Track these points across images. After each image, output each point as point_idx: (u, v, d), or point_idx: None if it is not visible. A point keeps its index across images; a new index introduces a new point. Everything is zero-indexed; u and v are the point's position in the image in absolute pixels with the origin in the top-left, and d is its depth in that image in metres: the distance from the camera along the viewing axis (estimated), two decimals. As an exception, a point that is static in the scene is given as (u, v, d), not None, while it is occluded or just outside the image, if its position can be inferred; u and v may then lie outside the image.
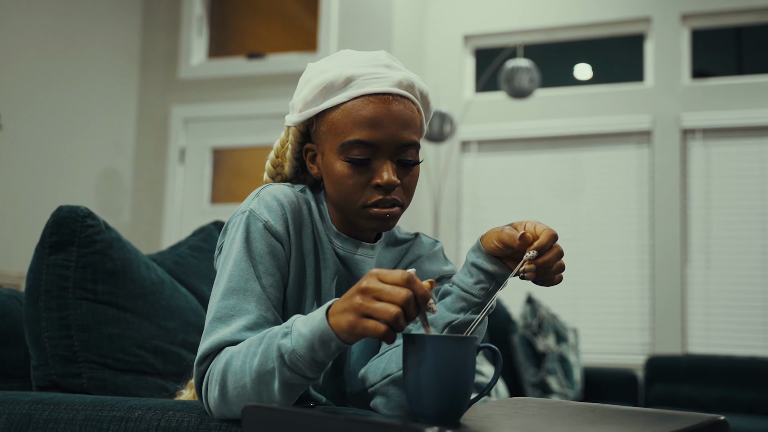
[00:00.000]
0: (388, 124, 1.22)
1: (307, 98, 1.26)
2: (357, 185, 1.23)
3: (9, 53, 4.88)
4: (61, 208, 1.53)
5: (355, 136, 1.21)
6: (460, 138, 5.58)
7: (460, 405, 1.02)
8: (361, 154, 1.22)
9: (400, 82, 1.24)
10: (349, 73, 1.23)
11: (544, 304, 3.89)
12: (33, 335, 1.49)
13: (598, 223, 5.34)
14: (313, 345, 1.03)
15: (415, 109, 1.27)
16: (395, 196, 1.24)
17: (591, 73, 5.72)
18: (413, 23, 5.59)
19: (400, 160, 1.25)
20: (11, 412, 1.25)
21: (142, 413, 1.19)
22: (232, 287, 1.19)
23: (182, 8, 5.81)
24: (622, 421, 0.97)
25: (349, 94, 1.22)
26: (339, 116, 1.23)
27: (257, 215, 1.23)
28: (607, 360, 5.10)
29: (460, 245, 5.59)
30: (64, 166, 5.25)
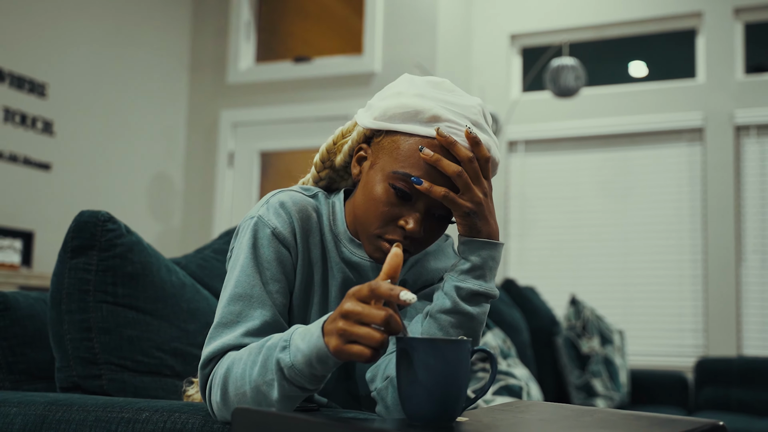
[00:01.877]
0: (446, 177, 1.19)
1: (388, 111, 1.23)
2: (386, 215, 1.22)
3: (62, 61, 4.99)
4: (83, 212, 1.56)
5: (411, 170, 1.20)
6: (507, 138, 5.55)
7: (454, 408, 1.02)
8: (407, 189, 1.21)
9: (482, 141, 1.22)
10: (439, 113, 1.21)
11: (588, 306, 3.83)
12: (56, 337, 1.52)
13: (648, 223, 5.26)
14: (311, 361, 1.04)
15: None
16: (410, 246, 1.24)
17: (645, 70, 5.62)
18: (459, 23, 5.57)
19: (433, 212, 1.24)
20: (26, 413, 1.28)
21: (150, 414, 1.20)
22: (238, 293, 1.20)
23: (230, 14, 5.88)
24: (617, 426, 0.95)
25: (427, 131, 1.20)
26: (407, 144, 1.21)
27: (265, 221, 1.25)
28: (657, 362, 5.02)
29: (508, 246, 5.54)
30: (116, 171, 5.35)
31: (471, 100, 1.25)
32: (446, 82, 1.26)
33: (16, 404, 1.31)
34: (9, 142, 4.63)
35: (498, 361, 2.30)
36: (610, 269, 5.30)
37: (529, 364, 3.34)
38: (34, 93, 4.81)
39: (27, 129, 4.75)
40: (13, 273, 4.18)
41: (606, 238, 5.33)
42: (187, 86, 5.98)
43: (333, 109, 5.45)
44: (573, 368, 3.64)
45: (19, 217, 4.64)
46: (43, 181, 4.82)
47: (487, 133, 1.24)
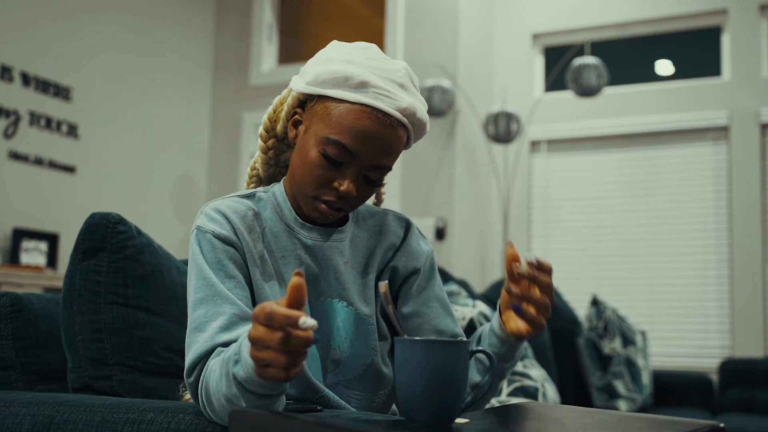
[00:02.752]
0: (374, 143, 1.27)
1: (319, 77, 1.30)
2: (320, 179, 1.29)
3: (86, 65, 5.04)
4: (94, 215, 1.58)
5: (341, 137, 1.26)
6: (530, 138, 5.52)
7: (452, 409, 1.01)
8: (337, 156, 1.27)
9: (405, 109, 1.28)
10: (367, 78, 1.27)
11: (610, 306, 3.81)
12: (68, 338, 1.54)
13: (673, 223, 5.21)
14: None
15: (404, 137, 1.31)
16: (344, 204, 1.31)
17: (672, 68, 5.57)
18: (480, 23, 5.55)
19: (366, 176, 1.31)
20: (35, 414, 1.29)
21: (155, 415, 1.21)
22: (200, 297, 1.24)
23: (253, 16, 5.91)
24: (615, 428, 0.94)
25: (356, 97, 1.26)
26: (337, 111, 1.27)
27: (204, 229, 1.30)
28: (682, 363, 4.97)
29: (531, 247, 5.52)
30: (140, 173, 5.40)
31: (397, 65, 1.32)
32: (373, 47, 1.33)
33: (26, 404, 1.32)
34: (34, 146, 4.69)
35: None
36: (634, 270, 5.25)
37: (550, 365, 3.32)
38: (59, 97, 4.87)
39: (52, 132, 4.81)
40: (38, 275, 4.23)
41: (630, 239, 5.29)
42: (210, 88, 6.02)
43: (355, 110, 5.45)
44: (594, 369, 3.61)
45: (44, 220, 4.69)
46: (67, 184, 4.87)
47: (413, 95, 1.31)
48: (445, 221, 5.08)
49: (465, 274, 5.02)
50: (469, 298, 2.44)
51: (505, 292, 1.30)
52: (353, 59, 1.29)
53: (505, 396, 2.17)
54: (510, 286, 1.26)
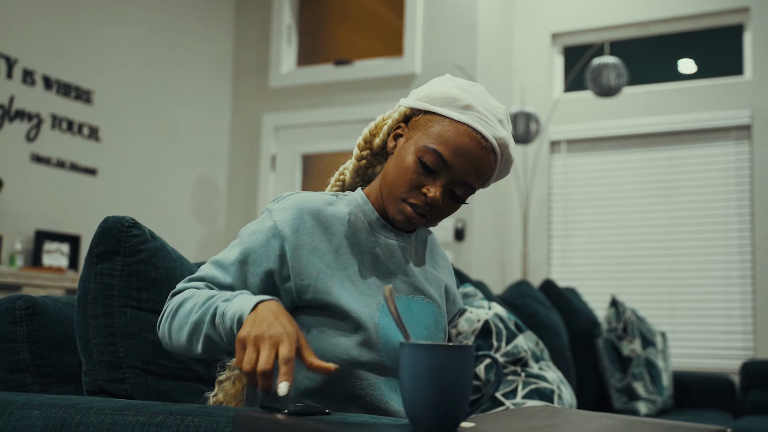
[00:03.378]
0: (468, 160, 1.37)
1: (430, 95, 1.41)
2: (412, 183, 1.38)
3: (107, 68, 5.08)
4: (108, 218, 1.59)
5: (440, 147, 1.37)
6: (549, 138, 5.50)
7: (457, 414, 1.01)
8: (433, 164, 1.37)
9: (500, 139, 1.40)
10: (472, 103, 1.39)
11: (629, 307, 3.78)
12: (82, 341, 1.55)
13: (695, 223, 5.17)
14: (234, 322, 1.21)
15: (494, 166, 1.41)
16: (428, 212, 1.39)
17: (693, 66, 5.53)
18: (499, 23, 5.54)
19: (453, 191, 1.40)
20: (47, 416, 1.31)
21: (164, 418, 1.22)
22: (220, 260, 1.39)
23: (272, 18, 5.93)
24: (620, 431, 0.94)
25: (460, 117, 1.38)
26: (440, 125, 1.39)
27: (272, 213, 1.40)
28: (704, 365, 4.94)
29: (551, 248, 5.50)
30: (161, 175, 5.43)
31: (499, 104, 1.44)
32: (481, 86, 1.46)
33: (38, 406, 1.34)
34: (56, 148, 4.73)
35: (529, 365, 2.28)
36: (655, 270, 5.22)
37: (569, 366, 3.30)
38: (81, 100, 4.91)
39: (74, 135, 4.85)
40: (60, 276, 4.27)
41: (651, 239, 5.26)
42: (230, 91, 6.05)
43: (374, 112, 5.47)
44: (614, 371, 3.59)
45: (66, 222, 4.74)
46: (89, 186, 4.92)
47: (506, 132, 1.42)
48: (464, 222, 5.08)
49: (484, 275, 5.01)
50: (484, 299, 2.44)
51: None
52: (464, 88, 1.41)
53: (520, 398, 2.16)
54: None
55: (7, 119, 4.48)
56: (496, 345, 2.23)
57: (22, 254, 4.41)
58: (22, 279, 4.05)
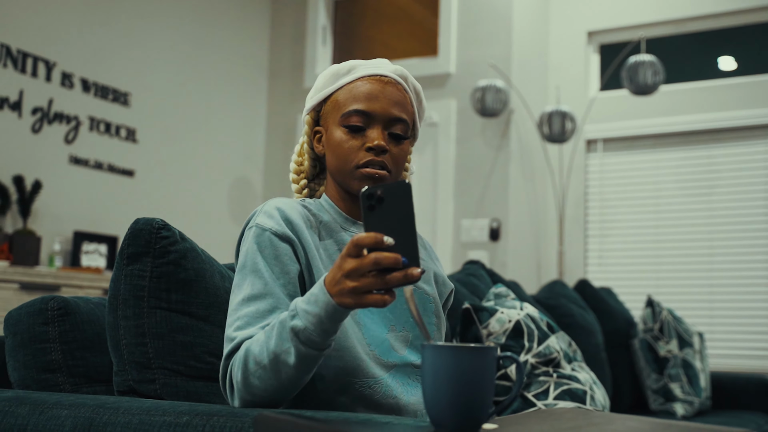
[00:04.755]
0: (382, 99, 1.43)
1: (318, 86, 1.50)
2: (352, 148, 1.42)
3: (144, 71, 5.14)
4: (138, 220, 1.60)
5: (353, 106, 1.43)
6: (585, 137, 5.46)
7: (479, 416, 1.01)
8: (358, 122, 1.42)
9: (395, 70, 1.48)
10: (352, 63, 1.48)
11: (666, 307, 3.74)
12: (113, 342, 1.57)
13: (734, 222, 5.10)
14: (321, 320, 1.17)
15: (407, 96, 1.48)
16: (384, 161, 1.42)
17: (733, 63, 5.45)
18: (534, 22, 5.51)
19: (391, 132, 1.44)
20: (76, 416, 1.32)
21: (190, 418, 1.23)
22: (254, 294, 1.34)
23: (308, 19, 5.96)
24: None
25: (351, 77, 1.46)
26: (342, 94, 1.46)
27: (262, 226, 1.39)
28: (743, 365, 4.86)
29: (588, 247, 5.46)
30: (197, 176, 5.48)
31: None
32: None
33: (68, 406, 1.36)
34: (94, 150, 4.79)
35: (561, 366, 2.26)
36: (693, 270, 5.16)
37: (604, 367, 3.27)
38: (118, 102, 4.97)
39: (111, 137, 4.91)
40: (98, 276, 4.33)
41: (689, 239, 5.19)
42: (265, 92, 6.08)
43: (408, 112, 5.46)
44: (650, 372, 3.55)
45: (104, 223, 4.80)
46: (126, 188, 4.97)
47: (398, 66, 1.50)
48: (500, 222, 5.05)
49: (519, 275, 4.99)
50: (516, 300, 2.43)
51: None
52: (336, 65, 1.50)
53: (551, 399, 2.15)
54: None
55: (46, 121, 4.55)
56: (528, 345, 2.22)
57: (60, 255, 4.47)
58: (61, 279, 4.11)
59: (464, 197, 5.17)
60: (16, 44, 4.45)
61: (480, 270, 2.84)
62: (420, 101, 1.54)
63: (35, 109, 4.51)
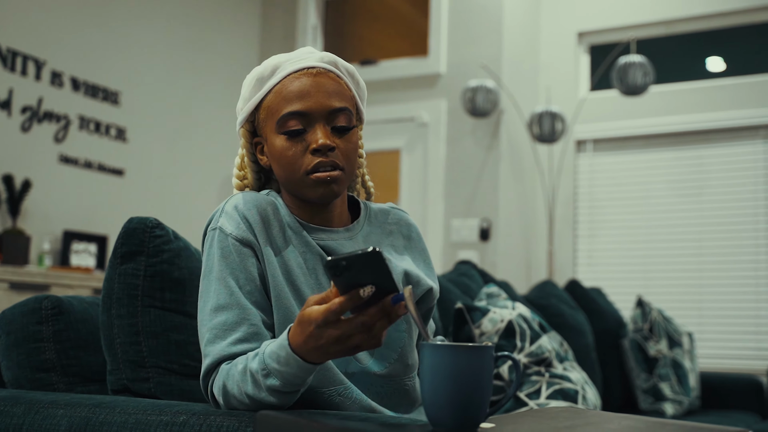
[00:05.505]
0: (315, 93, 1.32)
1: (245, 96, 1.39)
2: (296, 154, 1.32)
3: (134, 70, 5.13)
4: (132, 219, 1.60)
5: (286, 109, 1.32)
6: (575, 137, 5.48)
7: (477, 414, 1.01)
8: (296, 125, 1.32)
9: (322, 58, 1.37)
10: (275, 62, 1.37)
11: (656, 307, 3.76)
12: (107, 341, 1.57)
13: (724, 222, 5.12)
14: (298, 375, 1.12)
15: (342, 82, 1.37)
16: (334, 159, 1.32)
17: (722, 65, 5.47)
18: (525, 23, 5.52)
19: (334, 126, 1.34)
20: (72, 415, 1.32)
21: (187, 418, 1.23)
22: (221, 304, 1.28)
23: (298, 18, 5.95)
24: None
25: (277, 77, 1.35)
26: (271, 98, 1.35)
27: (224, 231, 1.33)
28: (732, 365, 4.89)
29: (577, 247, 5.47)
30: (187, 176, 5.47)
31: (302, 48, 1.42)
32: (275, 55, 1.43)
33: (64, 405, 1.35)
34: (84, 149, 4.78)
35: (553, 365, 2.27)
36: (682, 270, 5.18)
37: (594, 367, 3.28)
38: (108, 101, 4.95)
39: (101, 136, 4.90)
40: (87, 276, 4.31)
41: (678, 239, 5.22)
42: (255, 91, 6.07)
43: (399, 111, 5.47)
44: (640, 371, 3.57)
45: (93, 222, 4.78)
46: (116, 187, 4.96)
47: (324, 53, 1.40)
48: (490, 222, 5.06)
49: (509, 275, 5.00)
50: (508, 299, 2.43)
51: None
52: (260, 67, 1.39)
53: (544, 399, 2.15)
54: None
55: (35, 120, 4.53)
56: (520, 345, 2.22)
57: (50, 254, 4.46)
58: (51, 279, 4.09)
59: (454, 197, 5.18)
60: (5, 43, 4.43)
61: (471, 270, 2.84)
62: (357, 82, 1.43)
63: (25, 108, 4.49)
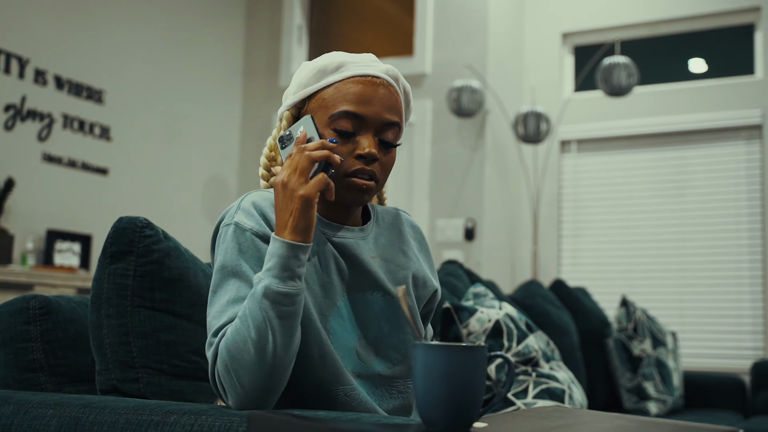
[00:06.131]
0: (374, 102, 1.35)
1: (301, 81, 1.39)
2: (341, 154, 1.33)
3: (118, 68, 5.10)
4: (121, 219, 1.60)
5: (343, 107, 1.34)
6: (560, 138, 5.50)
7: (470, 414, 1.02)
8: (348, 126, 1.34)
9: (387, 71, 1.39)
10: (341, 60, 1.38)
11: (640, 307, 3.78)
12: (96, 341, 1.56)
13: (705, 223, 5.16)
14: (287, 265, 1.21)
15: (398, 98, 1.39)
16: (374, 170, 1.35)
17: (704, 66, 5.51)
18: (510, 23, 5.54)
19: (381, 139, 1.36)
20: (62, 415, 1.32)
21: (177, 417, 1.23)
22: (240, 296, 1.28)
23: (283, 18, 5.94)
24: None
25: (340, 75, 1.36)
26: (330, 92, 1.36)
27: (242, 226, 1.34)
28: (714, 365, 4.93)
29: (561, 247, 5.50)
30: (172, 175, 5.45)
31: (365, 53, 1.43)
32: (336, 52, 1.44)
33: (53, 406, 1.35)
34: (68, 148, 4.75)
35: (540, 365, 2.28)
36: (665, 270, 5.22)
37: (579, 366, 3.30)
38: (92, 99, 4.93)
39: (85, 135, 4.87)
40: (71, 275, 4.29)
41: (661, 239, 5.25)
42: (240, 90, 6.06)
43: (384, 111, 5.46)
44: (624, 371, 3.59)
45: (77, 221, 4.76)
46: (100, 186, 4.93)
47: (388, 65, 1.41)
48: (475, 222, 5.08)
49: (494, 275, 5.01)
50: (495, 299, 2.44)
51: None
52: (325, 58, 1.40)
53: (531, 398, 2.16)
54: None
55: (18, 119, 4.50)
56: (507, 345, 2.23)
57: (33, 254, 4.43)
58: (34, 278, 4.07)
59: (439, 197, 5.19)
60: (-12, 40, 4.40)
61: (458, 270, 2.85)
62: (408, 103, 1.45)
63: (8, 106, 4.46)
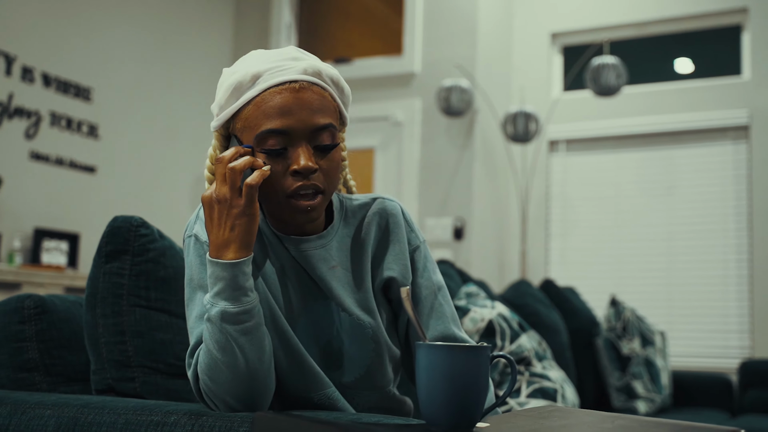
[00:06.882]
0: (297, 110, 1.24)
1: (221, 102, 1.30)
2: (276, 174, 1.25)
3: (106, 66, 5.08)
4: (117, 218, 1.59)
5: (266, 126, 1.24)
6: (548, 137, 5.51)
7: (473, 414, 1.02)
8: (276, 144, 1.24)
9: (305, 70, 1.27)
10: (255, 70, 1.27)
11: (629, 306, 3.80)
12: (91, 340, 1.55)
13: (693, 222, 5.19)
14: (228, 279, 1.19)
15: (326, 94, 1.29)
16: (316, 182, 1.26)
17: (692, 66, 5.54)
18: (499, 23, 5.55)
19: (316, 145, 1.26)
20: (60, 415, 1.31)
21: (178, 418, 1.22)
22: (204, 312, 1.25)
23: (271, 16, 5.93)
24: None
25: (257, 89, 1.25)
26: (250, 111, 1.26)
27: (200, 238, 1.31)
28: (701, 364, 4.95)
29: (549, 246, 5.51)
30: (160, 173, 5.43)
31: (283, 48, 1.32)
32: (254, 51, 1.34)
33: (50, 406, 1.34)
34: (55, 146, 4.73)
35: (533, 364, 2.29)
36: (653, 270, 5.24)
37: (568, 365, 3.31)
38: (80, 97, 4.90)
39: (73, 133, 4.84)
40: (59, 274, 4.27)
41: (649, 239, 5.27)
42: (229, 89, 6.04)
43: (373, 110, 5.47)
44: (613, 370, 3.60)
45: (65, 220, 4.73)
46: (88, 184, 4.91)
47: (307, 60, 1.31)
48: (464, 221, 5.08)
49: (483, 274, 5.02)
50: (488, 299, 2.45)
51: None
52: (236, 68, 1.30)
53: (524, 397, 2.17)
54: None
55: (6, 117, 4.48)
56: (500, 344, 2.24)
57: (20, 252, 4.40)
58: (21, 277, 4.05)
59: (428, 196, 5.20)
60: (-25, 37, 4.37)
61: (450, 269, 2.85)
62: (341, 89, 1.34)
63: (-5, 104, 4.44)
